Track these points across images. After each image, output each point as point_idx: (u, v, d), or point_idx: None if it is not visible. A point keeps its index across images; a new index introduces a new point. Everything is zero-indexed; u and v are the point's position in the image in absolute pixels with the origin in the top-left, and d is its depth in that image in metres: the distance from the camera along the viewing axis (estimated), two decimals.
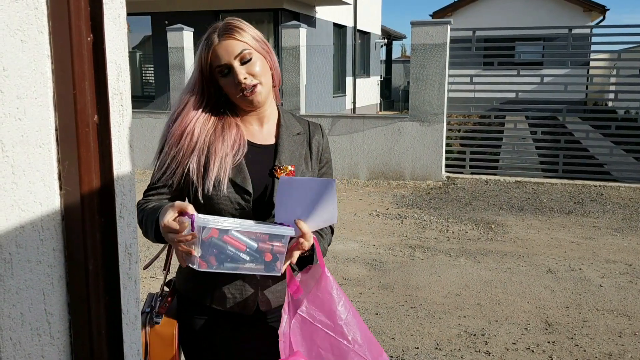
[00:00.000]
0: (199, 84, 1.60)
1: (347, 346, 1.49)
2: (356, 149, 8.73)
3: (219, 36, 1.56)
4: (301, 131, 1.72)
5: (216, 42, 1.56)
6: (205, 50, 1.57)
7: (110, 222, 0.99)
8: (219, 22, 1.62)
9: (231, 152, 1.57)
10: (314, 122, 1.79)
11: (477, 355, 3.48)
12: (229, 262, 1.42)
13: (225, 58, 1.55)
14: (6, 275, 0.86)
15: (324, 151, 1.76)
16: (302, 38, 9.18)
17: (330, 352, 1.49)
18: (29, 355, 0.90)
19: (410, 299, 4.31)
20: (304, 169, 1.67)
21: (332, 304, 1.50)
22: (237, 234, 1.41)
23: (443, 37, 8.20)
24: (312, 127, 1.76)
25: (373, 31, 20.03)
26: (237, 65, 1.55)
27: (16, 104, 0.85)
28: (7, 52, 0.84)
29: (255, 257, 1.44)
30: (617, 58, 9.29)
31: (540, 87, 9.80)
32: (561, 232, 6.05)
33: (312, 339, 1.50)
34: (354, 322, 1.52)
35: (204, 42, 1.58)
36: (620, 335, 3.71)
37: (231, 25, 1.58)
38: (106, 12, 0.95)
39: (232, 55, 1.55)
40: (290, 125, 1.71)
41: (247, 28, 1.59)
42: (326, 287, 1.51)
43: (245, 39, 1.57)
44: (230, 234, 1.41)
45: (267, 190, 1.61)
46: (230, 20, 1.61)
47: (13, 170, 0.86)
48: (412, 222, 6.47)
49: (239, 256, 1.42)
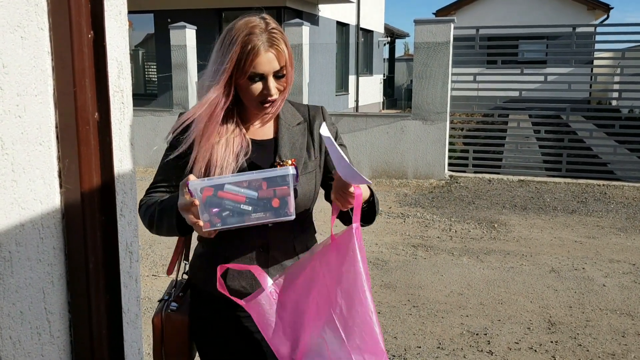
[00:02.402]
0: (226, 83, 1.55)
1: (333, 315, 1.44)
2: (359, 148, 8.72)
3: (265, 45, 1.52)
4: (301, 121, 1.71)
5: (262, 51, 1.51)
6: (251, 55, 1.51)
7: (110, 220, 0.99)
8: (254, 17, 1.56)
9: (234, 157, 1.58)
10: (315, 106, 1.77)
11: (480, 354, 3.47)
12: (232, 217, 1.39)
13: (265, 69, 1.52)
14: (6, 274, 0.86)
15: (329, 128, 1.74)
16: (304, 36, 9.16)
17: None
18: (28, 354, 0.90)
19: (413, 298, 4.31)
20: (306, 159, 1.66)
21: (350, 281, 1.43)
22: (231, 187, 1.38)
23: (446, 35, 8.18)
24: (312, 112, 1.74)
25: (376, 29, 20.01)
26: (272, 78, 1.54)
27: (16, 101, 0.85)
28: (7, 49, 0.83)
29: (259, 206, 1.40)
30: (621, 57, 9.26)
31: (544, 85, 9.77)
32: (564, 232, 6.03)
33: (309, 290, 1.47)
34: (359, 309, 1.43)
35: (247, 45, 1.51)
36: (623, 335, 3.70)
37: (277, 36, 1.54)
38: (107, 9, 0.95)
39: (273, 70, 1.53)
40: (290, 117, 1.70)
41: (287, 39, 1.57)
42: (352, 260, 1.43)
43: (285, 54, 1.54)
44: (225, 189, 1.37)
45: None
46: (274, 28, 1.55)
47: (13, 168, 0.85)
48: (414, 221, 6.46)
49: (239, 208, 1.39)
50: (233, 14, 13.19)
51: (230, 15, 13.21)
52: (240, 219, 1.39)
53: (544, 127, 9.63)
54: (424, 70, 8.28)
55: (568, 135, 8.80)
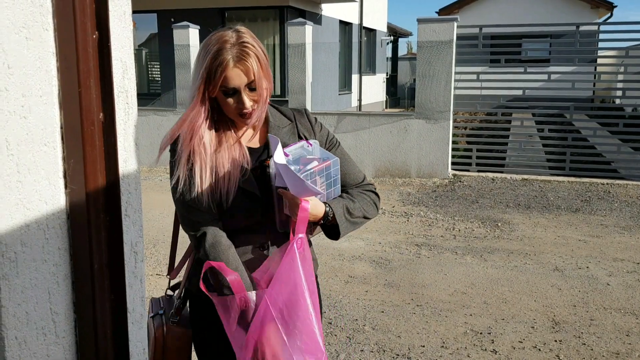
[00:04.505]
0: (203, 95, 1.57)
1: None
2: (362, 147, 8.72)
3: (234, 60, 1.53)
4: (288, 123, 1.74)
5: (230, 65, 1.53)
6: (219, 70, 1.53)
7: (115, 220, 0.99)
8: (227, 31, 1.57)
9: (238, 166, 1.61)
10: (298, 109, 1.80)
11: (484, 353, 3.46)
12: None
13: (235, 83, 1.54)
14: (11, 274, 0.86)
15: (319, 135, 1.77)
16: (307, 35, 9.16)
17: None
18: (34, 354, 0.90)
19: (417, 297, 4.30)
20: None
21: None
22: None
23: (449, 34, 8.17)
24: (297, 115, 1.77)
25: (379, 28, 19.98)
26: (245, 92, 1.56)
27: (21, 101, 0.85)
28: (12, 50, 0.83)
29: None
30: (624, 55, 9.23)
31: (547, 84, 9.76)
32: (568, 230, 6.02)
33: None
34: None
35: (216, 59, 1.52)
36: (627, 334, 3.69)
37: (246, 50, 1.54)
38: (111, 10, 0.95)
39: (244, 83, 1.55)
40: (278, 121, 1.73)
41: (258, 51, 1.56)
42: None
43: (256, 67, 1.55)
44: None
45: (268, 186, 1.65)
46: (244, 41, 1.55)
47: (18, 169, 0.85)
48: (418, 220, 6.45)
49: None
50: (236, 13, 13.19)
51: (233, 14, 13.22)
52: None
53: (548, 125, 9.60)
54: (427, 69, 8.27)
55: (571, 134, 8.78)
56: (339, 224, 1.63)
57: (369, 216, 1.73)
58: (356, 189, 1.75)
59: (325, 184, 1.62)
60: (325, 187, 1.62)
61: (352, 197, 1.71)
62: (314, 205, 1.57)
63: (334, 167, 1.62)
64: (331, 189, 1.65)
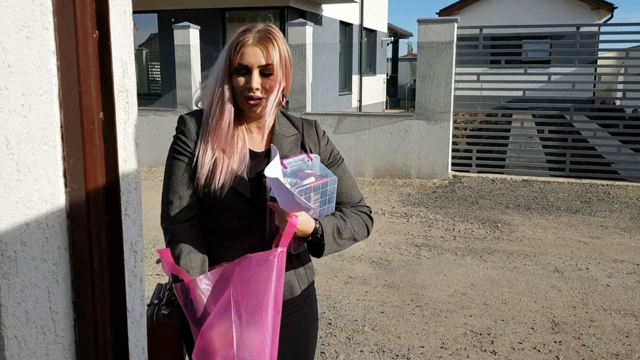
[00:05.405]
0: (226, 77, 1.62)
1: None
2: (362, 147, 8.72)
3: (254, 39, 1.58)
4: (295, 133, 1.74)
5: (249, 42, 1.58)
6: (240, 45, 1.59)
7: (115, 219, 0.99)
8: (260, 22, 1.64)
9: (236, 166, 1.62)
10: (308, 120, 1.80)
11: (483, 354, 3.46)
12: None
13: (250, 60, 1.58)
14: (11, 273, 0.86)
15: (324, 149, 1.77)
16: (308, 36, 9.16)
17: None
18: (33, 353, 0.90)
19: (416, 297, 4.30)
20: None
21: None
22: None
23: (450, 35, 8.17)
24: (305, 126, 1.77)
25: (379, 29, 19.98)
26: (256, 73, 1.59)
27: (21, 100, 0.85)
28: (12, 49, 0.83)
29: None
30: (625, 56, 9.23)
31: (548, 85, 9.75)
32: (568, 232, 6.02)
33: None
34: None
35: (237, 38, 1.60)
36: (627, 335, 3.69)
37: (270, 35, 1.60)
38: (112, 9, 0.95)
39: (257, 63, 1.58)
40: (284, 130, 1.73)
41: (281, 44, 1.61)
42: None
43: (275, 56, 1.59)
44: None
45: (262, 194, 1.65)
46: (271, 28, 1.62)
47: (18, 168, 0.85)
48: (418, 221, 6.45)
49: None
50: (237, 13, 13.19)
51: (233, 15, 13.22)
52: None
53: (548, 126, 9.61)
54: (428, 70, 8.27)
55: (572, 135, 8.78)
56: (325, 243, 1.62)
57: (358, 238, 1.73)
58: (350, 209, 1.74)
59: (320, 201, 1.61)
60: (319, 204, 1.61)
61: (345, 216, 1.70)
62: (303, 221, 1.56)
63: (330, 185, 1.61)
64: (325, 206, 1.64)
